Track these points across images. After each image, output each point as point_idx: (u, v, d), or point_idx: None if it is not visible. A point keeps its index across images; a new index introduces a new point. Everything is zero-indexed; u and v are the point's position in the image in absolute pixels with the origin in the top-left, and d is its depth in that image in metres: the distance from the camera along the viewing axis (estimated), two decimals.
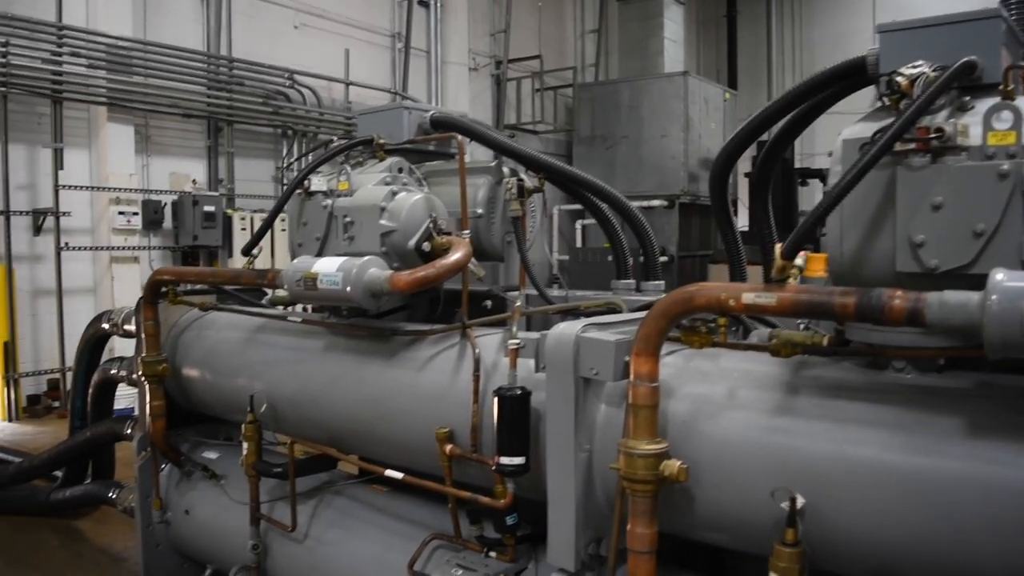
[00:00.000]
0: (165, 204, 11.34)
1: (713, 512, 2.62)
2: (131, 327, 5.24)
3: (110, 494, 5.58)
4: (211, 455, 4.65)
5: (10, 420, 10.17)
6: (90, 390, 5.98)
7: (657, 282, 3.94)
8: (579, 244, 15.78)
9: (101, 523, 6.41)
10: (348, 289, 3.22)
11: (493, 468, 2.94)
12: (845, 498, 2.33)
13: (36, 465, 6.28)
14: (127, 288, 10.42)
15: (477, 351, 3.13)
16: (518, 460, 2.88)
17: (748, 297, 2.35)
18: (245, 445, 3.91)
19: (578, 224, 15.83)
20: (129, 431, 5.40)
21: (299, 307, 4.45)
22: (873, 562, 2.37)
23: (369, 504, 3.89)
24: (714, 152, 10.92)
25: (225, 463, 4.53)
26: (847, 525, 2.34)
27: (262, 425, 3.94)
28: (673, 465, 2.47)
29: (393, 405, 3.45)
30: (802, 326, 2.61)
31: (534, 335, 2.93)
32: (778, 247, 2.40)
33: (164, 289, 4.42)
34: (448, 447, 3.17)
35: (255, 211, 12.03)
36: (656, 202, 15.14)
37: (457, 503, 3.28)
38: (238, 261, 11.57)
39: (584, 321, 2.86)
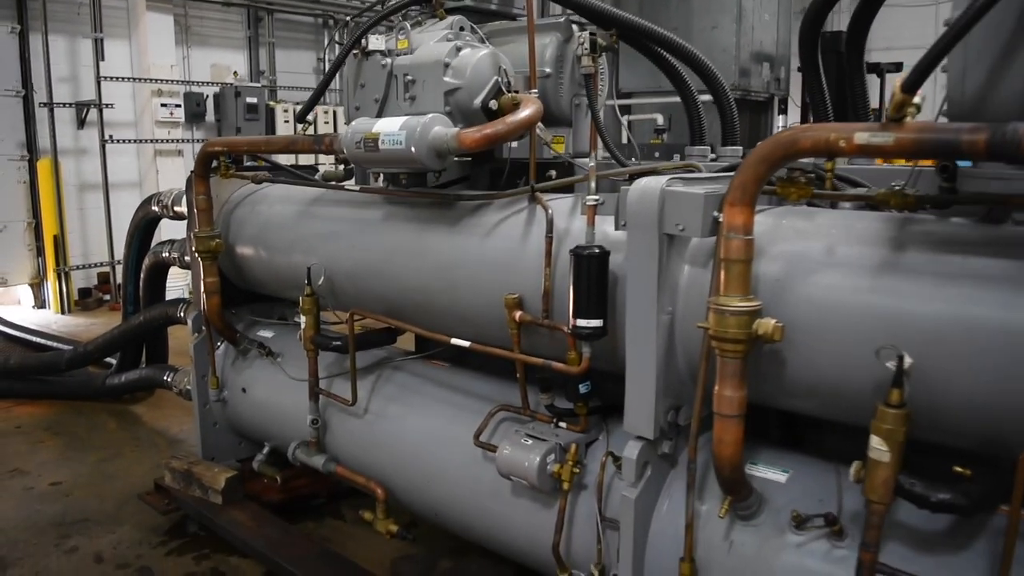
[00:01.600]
0: (207, 96, 11.16)
1: (806, 377, 2.46)
2: (181, 208, 5.15)
3: (165, 377, 5.59)
4: (266, 333, 4.59)
5: (63, 312, 10.30)
6: (142, 275, 5.94)
7: (735, 147, 3.70)
8: (624, 141, 15.34)
9: (156, 407, 6.48)
10: (412, 149, 3.03)
11: (568, 332, 2.80)
12: (957, 361, 2.14)
13: (90, 351, 6.31)
14: (171, 181, 10.33)
15: (550, 212, 2.95)
16: (595, 322, 2.73)
17: (861, 137, 2.12)
18: (303, 319, 3.81)
19: (624, 120, 15.37)
20: (182, 313, 5.36)
21: (352, 183, 4.28)
22: (981, 431, 2.20)
23: (430, 379, 3.79)
24: (768, 46, 10.42)
25: (281, 341, 4.46)
26: (958, 390, 2.16)
27: (319, 299, 3.83)
28: (768, 323, 2.30)
29: (458, 274, 3.30)
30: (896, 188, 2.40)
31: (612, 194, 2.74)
32: (897, 79, 2.15)
33: (216, 163, 4.27)
34: (517, 314, 3.03)
35: (297, 103, 11.79)
36: (705, 97, 14.58)
37: (526, 373, 3.16)
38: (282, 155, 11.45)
39: (668, 175, 2.66)
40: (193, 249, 4.31)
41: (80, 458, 5.58)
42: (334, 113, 11.56)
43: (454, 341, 3.22)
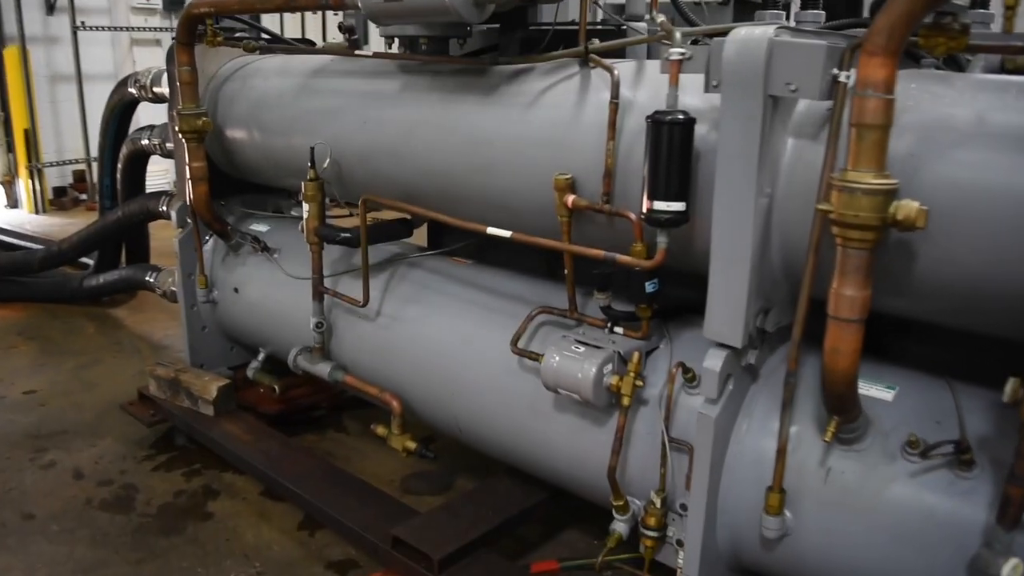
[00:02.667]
0: None
1: (939, 274, 2.01)
2: (162, 89, 4.54)
3: (147, 277, 5.08)
4: (260, 228, 4.07)
5: (36, 212, 9.69)
6: (119, 166, 5.37)
7: (816, 11, 3.14)
8: None
9: (138, 311, 5.99)
10: None
11: (638, 218, 2.31)
12: None
13: (65, 249, 5.77)
14: None
15: (616, 73, 2.42)
16: (676, 206, 2.24)
17: None
18: (306, 208, 3.30)
19: None
20: (165, 207, 4.82)
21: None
22: None
23: (453, 277, 3.31)
24: None
25: (278, 236, 3.95)
26: None
27: (325, 185, 3.31)
28: (910, 206, 1.83)
29: (492, 152, 2.79)
30: None
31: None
32: None
33: (202, 28, 3.67)
34: (570, 198, 2.54)
35: None
36: None
37: (574, 269, 2.68)
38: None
39: (776, 24, 2.14)
40: (177, 129, 3.74)
41: (56, 364, 5.10)
42: None
43: (491, 231, 2.72)
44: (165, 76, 4.42)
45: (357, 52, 3.26)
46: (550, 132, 2.65)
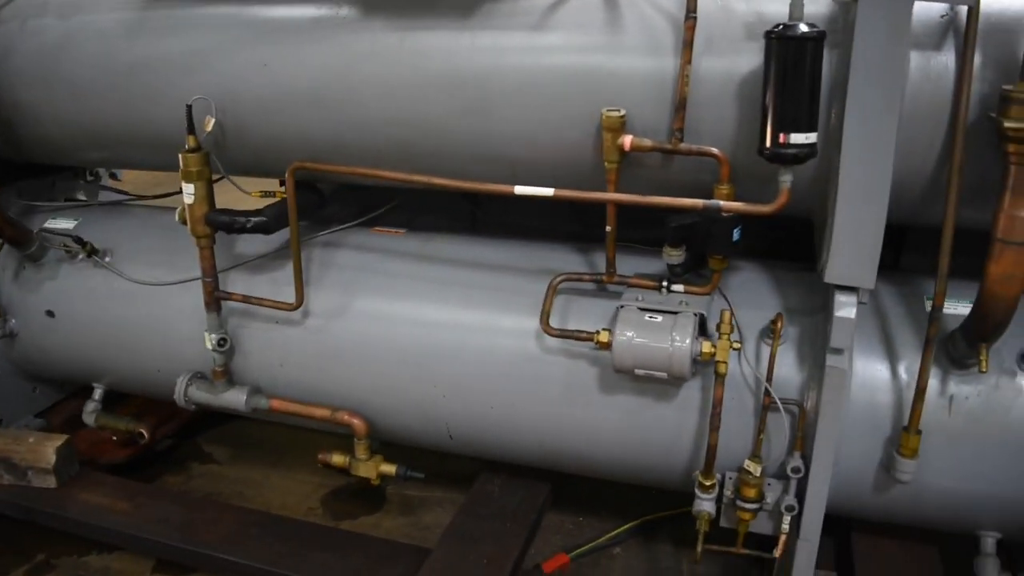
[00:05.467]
0: None
1: None
2: None
3: None
4: (64, 224, 3.01)
5: None
6: None
7: None
8: None
9: None
10: None
11: (767, 152, 1.90)
12: None
13: None
14: None
15: None
16: (811, 137, 1.87)
17: None
18: (189, 188, 2.43)
19: None
20: None
21: None
22: None
23: (396, 252, 2.64)
24: None
25: (95, 232, 2.93)
26: None
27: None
28: None
29: (486, 90, 2.19)
30: None
31: None
32: None
33: None
34: (627, 139, 2.05)
35: None
36: None
37: (617, 226, 2.22)
38: None
39: None
40: None
41: None
42: None
43: (521, 190, 2.13)
44: None
45: None
46: (576, 60, 2.12)
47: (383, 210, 2.81)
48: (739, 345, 2.13)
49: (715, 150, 2.02)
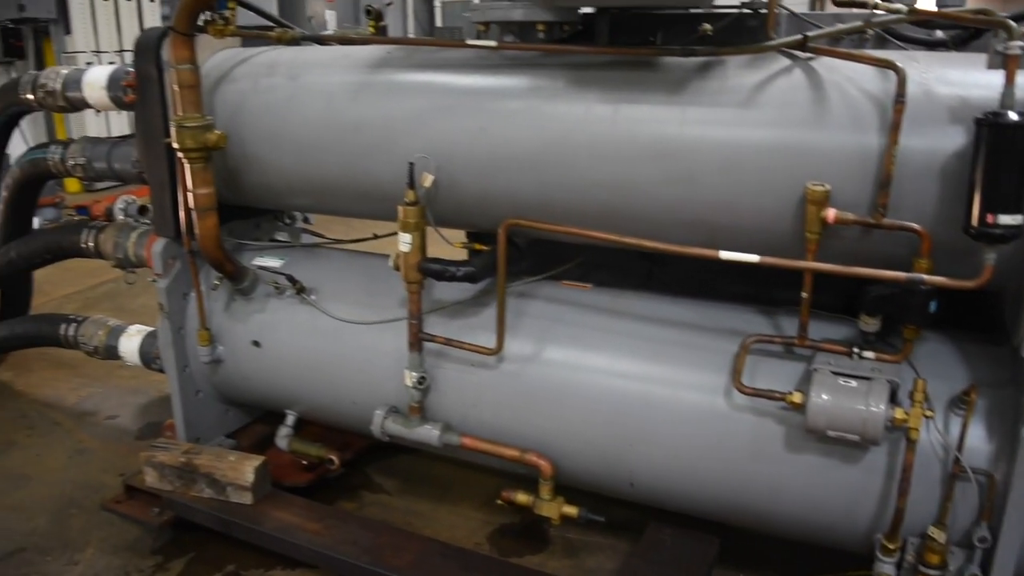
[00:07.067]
0: None
1: None
2: (78, 94, 3.58)
3: (64, 331, 4.05)
4: (272, 262, 3.32)
5: None
6: (3, 193, 4.23)
7: None
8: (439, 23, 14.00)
9: (24, 370, 4.81)
10: None
11: (973, 231, 2.00)
12: None
13: None
14: None
15: (904, 69, 2.09)
16: (1014, 218, 1.96)
17: None
18: (406, 238, 2.67)
19: None
20: (90, 243, 3.84)
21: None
22: None
23: (587, 306, 2.82)
24: None
25: (300, 271, 3.22)
26: None
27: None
28: None
29: (694, 160, 2.36)
30: None
31: None
32: None
33: (208, 17, 2.87)
34: (830, 212, 2.18)
35: None
36: None
37: (813, 291, 2.33)
38: (78, 39, 9.16)
39: None
40: (177, 147, 2.91)
41: None
42: None
43: (726, 255, 2.28)
44: (90, 76, 3.51)
45: (473, 42, 2.64)
46: (781, 135, 2.27)
47: (571, 264, 2.99)
48: (931, 414, 2.20)
49: (917, 226, 2.12)
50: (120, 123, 9.35)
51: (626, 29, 2.84)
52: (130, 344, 3.80)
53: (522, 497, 2.80)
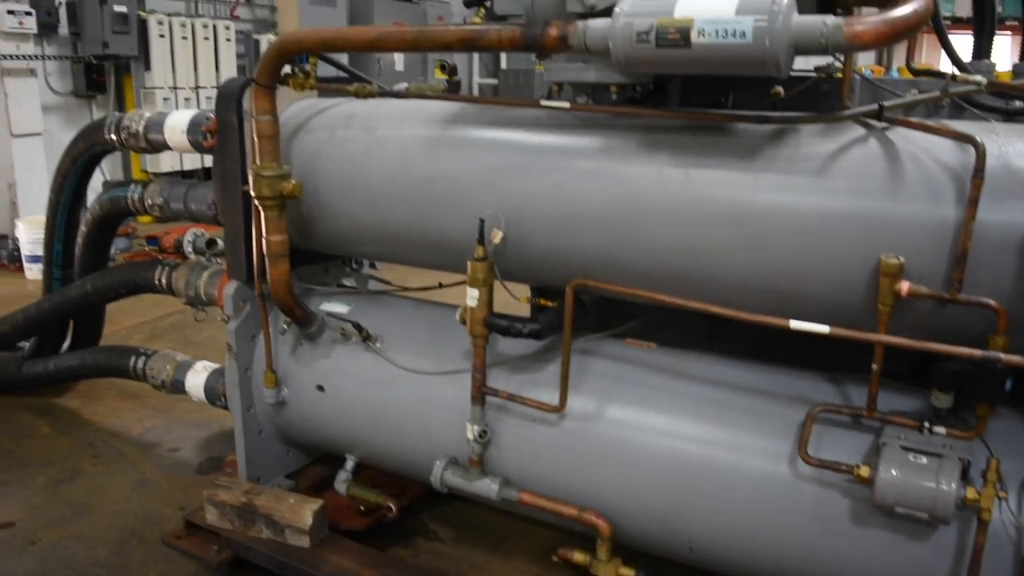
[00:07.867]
0: (60, 3, 8.93)
1: None
2: (159, 136, 3.73)
3: (134, 363, 4.18)
4: (339, 308, 3.38)
5: None
6: (82, 228, 4.41)
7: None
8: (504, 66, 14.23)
9: (91, 399, 4.96)
10: (767, 42, 2.02)
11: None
12: None
13: (6, 331, 4.67)
14: (25, 112, 8.25)
15: (984, 143, 2.07)
16: None
17: None
18: (474, 292, 2.71)
19: None
20: (163, 280, 3.96)
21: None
22: None
23: (650, 366, 2.82)
24: None
25: (365, 318, 3.28)
26: None
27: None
28: None
29: (766, 226, 2.36)
30: None
31: None
32: None
33: (292, 69, 2.98)
34: (904, 285, 2.16)
35: (171, 14, 9.76)
36: None
37: (883, 364, 2.30)
38: (157, 76, 9.54)
39: None
40: (254, 195, 3.01)
41: (22, 482, 4.06)
42: None
43: (796, 325, 2.27)
44: (172, 120, 3.65)
45: (546, 102, 2.69)
46: (856, 204, 2.26)
47: (635, 322, 3.00)
48: (1004, 495, 2.14)
49: (993, 302, 2.09)
50: (192, 158, 9.68)
51: (698, 90, 2.87)
52: (196, 380, 3.89)
53: (579, 556, 2.78)
